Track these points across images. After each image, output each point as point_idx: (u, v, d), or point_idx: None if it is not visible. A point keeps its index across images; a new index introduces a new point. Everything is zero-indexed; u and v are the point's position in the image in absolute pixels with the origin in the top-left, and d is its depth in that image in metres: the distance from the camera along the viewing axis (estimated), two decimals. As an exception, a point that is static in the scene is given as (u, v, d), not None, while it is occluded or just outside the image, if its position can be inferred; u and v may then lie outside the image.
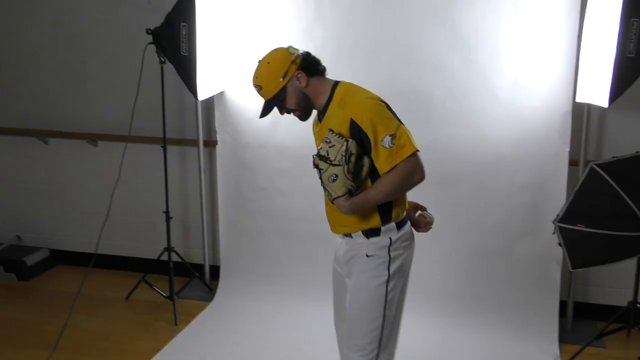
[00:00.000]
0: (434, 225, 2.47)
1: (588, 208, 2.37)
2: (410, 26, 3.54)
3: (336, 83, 2.33)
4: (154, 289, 3.98)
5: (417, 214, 2.49)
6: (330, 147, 2.16)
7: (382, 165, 2.16)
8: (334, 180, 2.15)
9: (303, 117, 2.35)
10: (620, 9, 2.84)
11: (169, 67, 3.59)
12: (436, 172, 3.57)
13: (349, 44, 3.63)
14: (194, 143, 4.09)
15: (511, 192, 3.57)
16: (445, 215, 3.64)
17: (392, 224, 2.28)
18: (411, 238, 2.39)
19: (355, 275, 2.33)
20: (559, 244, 2.46)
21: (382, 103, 2.25)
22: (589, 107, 3.47)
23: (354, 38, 3.63)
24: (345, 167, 2.13)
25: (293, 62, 2.28)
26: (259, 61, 2.33)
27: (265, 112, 2.32)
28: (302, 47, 3.52)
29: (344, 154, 2.13)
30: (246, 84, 3.80)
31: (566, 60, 3.38)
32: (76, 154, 4.42)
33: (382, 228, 2.27)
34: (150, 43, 3.49)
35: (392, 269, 2.28)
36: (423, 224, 2.47)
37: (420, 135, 3.54)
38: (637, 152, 2.46)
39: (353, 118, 2.16)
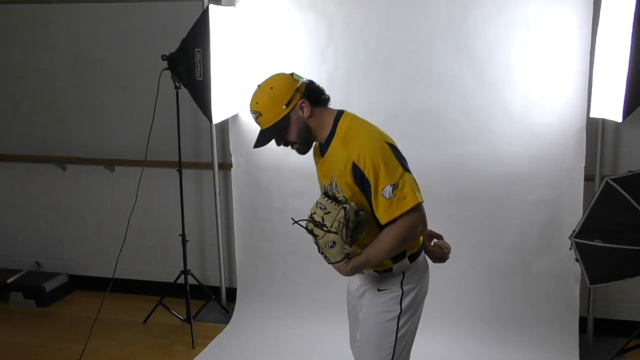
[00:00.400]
0: (449, 243, 2.38)
1: (604, 223, 2.35)
2: (422, 45, 3.57)
3: (339, 114, 2.18)
4: (171, 312, 3.99)
5: (432, 243, 2.37)
6: (325, 213, 2.03)
7: (381, 216, 2.04)
8: (332, 247, 2.03)
9: (302, 150, 2.19)
10: (632, 24, 2.85)
11: (184, 92, 3.64)
12: (451, 190, 3.61)
13: (361, 64, 3.66)
14: (209, 166, 4.13)
15: (527, 208, 3.56)
16: (461, 233, 3.64)
17: (405, 260, 2.18)
18: (425, 269, 2.28)
19: (366, 308, 2.24)
20: (576, 260, 2.45)
21: (387, 145, 2.07)
22: (604, 122, 3.46)
23: (366, 59, 3.66)
24: (343, 233, 2.00)
25: (297, 89, 2.12)
26: (259, 85, 2.17)
27: (261, 142, 2.15)
28: (315, 68, 3.62)
29: (341, 221, 2.00)
30: (260, 107, 3.86)
31: (579, 75, 3.39)
32: (94, 179, 4.47)
33: (394, 266, 2.17)
34: (166, 69, 3.55)
35: (404, 303, 2.18)
36: (439, 254, 2.34)
37: (434, 154, 3.62)
38: (653, 166, 2.45)
39: (355, 162, 2.02)
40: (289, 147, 2.19)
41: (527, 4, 3.38)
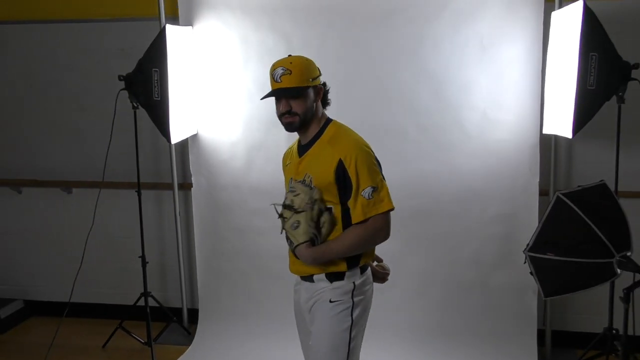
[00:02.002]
0: (408, 259, 2.48)
1: (557, 236, 2.42)
2: (380, 65, 3.63)
3: (328, 120, 2.34)
4: (131, 335, 3.91)
5: (374, 264, 2.47)
6: (295, 195, 2.16)
7: (356, 214, 2.16)
8: (297, 227, 2.14)
9: (297, 125, 2.25)
10: (579, 44, 2.95)
11: (142, 112, 3.61)
12: (410, 206, 3.65)
13: (320, 83, 3.70)
14: (169, 186, 4.09)
15: (484, 223, 3.63)
16: (420, 248, 3.69)
17: (357, 269, 2.26)
18: (371, 282, 2.37)
19: (318, 322, 2.28)
20: (531, 273, 2.50)
21: (372, 152, 2.26)
22: (556, 138, 3.56)
23: (325, 78, 3.66)
24: (309, 213, 2.12)
25: (320, 76, 2.31)
26: (292, 55, 2.31)
27: (274, 95, 2.24)
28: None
29: (307, 201, 2.13)
30: (220, 126, 3.87)
31: (531, 93, 3.49)
32: (50, 202, 4.39)
33: (347, 272, 2.24)
34: (123, 89, 3.52)
35: (355, 314, 2.25)
36: (381, 274, 2.46)
37: (394, 171, 3.61)
38: (602, 180, 2.53)
39: (342, 159, 2.16)
40: (283, 117, 2.25)
41: (481, 25, 3.48)
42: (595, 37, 2.98)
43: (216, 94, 3.84)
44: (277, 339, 3.82)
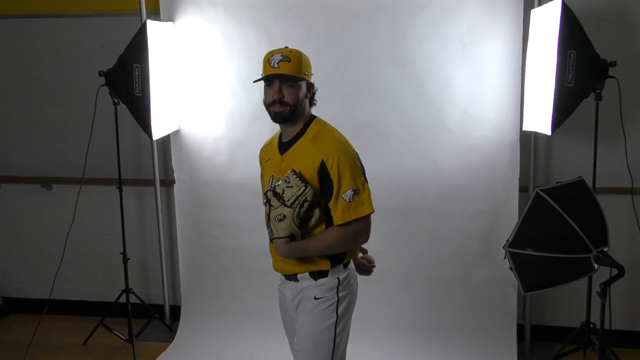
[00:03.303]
0: (391, 255, 2.48)
1: (536, 232, 2.44)
2: (362, 61, 3.64)
3: (311, 118, 2.30)
4: (112, 332, 3.89)
5: (360, 256, 2.47)
6: (287, 186, 2.13)
7: (337, 217, 2.15)
8: (281, 220, 2.12)
9: (285, 115, 2.20)
10: (557, 41, 2.99)
11: (123, 108, 3.59)
12: (392, 203, 3.67)
13: (302, 80, 3.69)
14: (150, 183, 4.07)
15: (466, 219, 3.66)
16: (403, 244, 3.71)
17: (340, 265, 2.26)
18: (355, 277, 2.37)
19: (302, 318, 2.29)
20: (511, 269, 2.53)
21: (355, 153, 2.23)
22: (536, 135, 3.60)
23: (307, 74, 3.69)
24: (296, 211, 2.11)
25: (312, 73, 2.29)
26: (288, 47, 2.27)
27: (269, 78, 2.20)
28: (256, 83, 3.60)
29: (298, 197, 2.10)
30: (202, 122, 3.85)
31: (512, 90, 3.52)
32: (30, 198, 4.34)
33: (330, 270, 2.24)
34: (103, 85, 3.50)
35: (340, 309, 2.25)
36: (366, 267, 2.45)
37: (376, 167, 3.64)
38: (580, 176, 2.56)
39: (324, 160, 2.13)
40: (271, 107, 2.21)
41: (462, 22, 3.50)
42: (573, 34, 3.02)
43: (198, 89, 3.82)
44: (259, 335, 3.83)
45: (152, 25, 3.46)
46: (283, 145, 2.30)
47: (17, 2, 4.09)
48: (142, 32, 3.40)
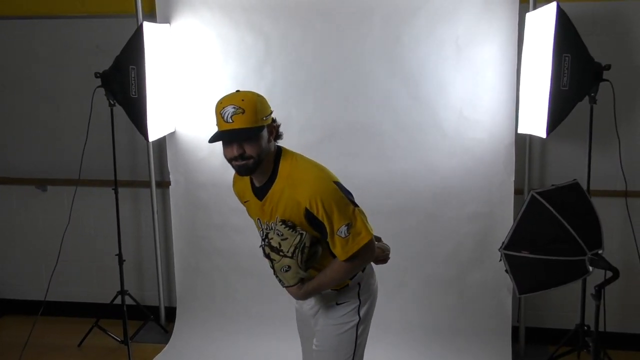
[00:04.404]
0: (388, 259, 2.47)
1: (531, 235, 2.46)
2: (358, 63, 3.65)
3: (277, 153, 2.15)
4: (107, 334, 3.89)
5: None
6: (282, 239, 2.09)
7: (338, 254, 2.11)
8: (287, 271, 2.12)
9: (251, 167, 2.07)
10: (552, 45, 3.00)
11: (119, 109, 3.59)
12: (387, 205, 3.68)
13: (299, 82, 3.70)
14: (146, 184, 4.07)
15: (461, 222, 3.67)
16: (398, 246, 3.67)
17: (360, 273, 2.26)
18: (373, 275, 2.37)
19: (324, 321, 2.29)
20: (506, 271, 2.54)
21: (335, 185, 2.08)
22: (530, 137, 3.62)
23: (304, 76, 3.71)
24: (299, 258, 2.08)
25: (271, 113, 2.13)
26: (240, 91, 2.10)
27: (224, 139, 2.04)
28: (253, 85, 3.64)
29: (297, 246, 2.07)
30: (198, 123, 3.85)
31: (507, 93, 3.54)
32: (24, 200, 4.33)
33: (351, 282, 2.25)
34: (100, 86, 3.49)
35: (362, 312, 2.27)
36: (382, 257, 2.42)
37: (370, 170, 3.69)
38: (574, 179, 2.58)
39: (308, 208, 2.04)
40: (234, 161, 2.08)
41: (457, 25, 3.51)
42: (568, 38, 3.03)
43: (194, 91, 3.82)
44: (255, 337, 3.83)
45: (148, 27, 3.46)
46: (257, 189, 2.19)
47: (13, 2, 4.08)
48: (138, 33, 3.40)
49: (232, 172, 3.86)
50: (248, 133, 2.01)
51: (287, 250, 2.08)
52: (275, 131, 2.15)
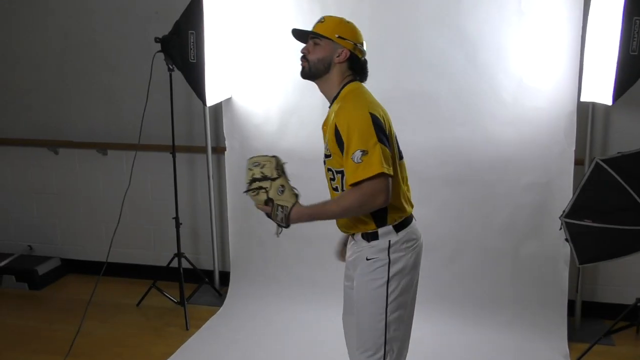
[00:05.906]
0: (439, 226, 2.44)
1: (594, 203, 2.39)
2: (414, 28, 3.58)
3: (349, 81, 2.32)
4: (164, 295, 4.01)
5: None
6: (262, 167, 2.18)
7: (347, 178, 2.14)
8: (283, 192, 2.15)
9: (305, 71, 2.30)
10: (623, 8, 2.88)
11: (177, 75, 3.64)
12: (443, 173, 3.64)
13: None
14: (202, 150, 4.13)
15: (518, 192, 3.59)
16: (452, 215, 3.68)
17: (389, 227, 2.25)
18: (414, 238, 2.33)
19: (357, 277, 2.32)
20: (566, 240, 2.48)
21: (369, 115, 2.15)
22: (594, 105, 3.49)
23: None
24: (285, 175, 2.18)
25: (355, 45, 2.30)
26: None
27: (299, 35, 2.34)
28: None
29: (278, 164, 2.18)
30: (254, 90, 3.88)
31: (570, 60, 3.41)
32: (86, 163, 4.47)
33: (379, 231, 2.25)
34: (159, 51, 3.54)
35: (392, 271, 2.25)
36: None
37: (427, 137, 3.64)
38: (643, 147, 2.49)
39: (337, 124, 2.15)
40: (301, 58, 2.30)
41: (520, -13, 3.40)
42: (639, 1, 2.90)
43: (251, 58, 3.84)
44: (306, 302, 3.88)
45: (207, -8, 3.47)
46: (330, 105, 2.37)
47: (75, -30, 4.17)
48: (197, -1, 3.42)
49: (288, 138, 3.92)
50: (309, 33, 2.27)
51: (271, 174, 2.15)
52: (351, 60, 2.28)
